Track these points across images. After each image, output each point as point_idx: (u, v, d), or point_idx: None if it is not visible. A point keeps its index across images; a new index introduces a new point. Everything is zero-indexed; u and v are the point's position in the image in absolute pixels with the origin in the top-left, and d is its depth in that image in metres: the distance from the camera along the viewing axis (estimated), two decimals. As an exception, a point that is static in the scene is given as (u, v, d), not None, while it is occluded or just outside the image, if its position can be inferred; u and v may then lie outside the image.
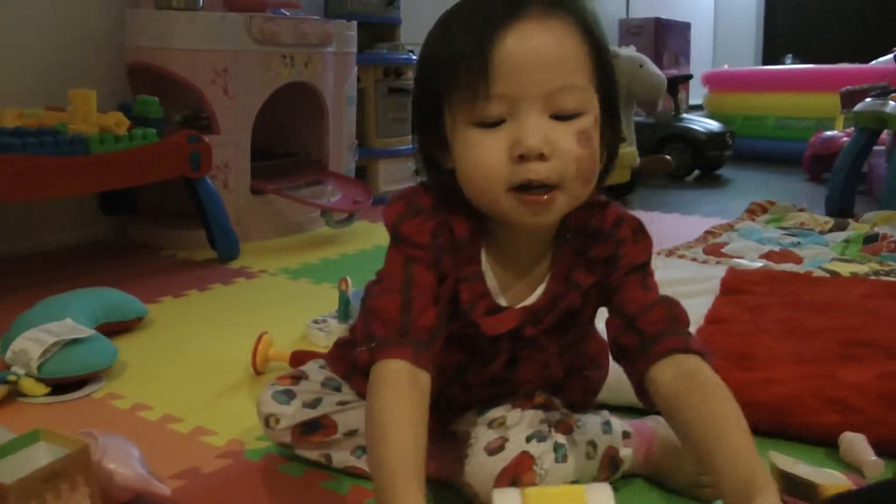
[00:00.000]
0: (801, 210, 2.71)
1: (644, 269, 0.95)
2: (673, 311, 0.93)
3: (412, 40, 3.19)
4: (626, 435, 1.03)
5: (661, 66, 4.79)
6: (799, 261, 2.12)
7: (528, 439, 0.93)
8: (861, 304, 1.66)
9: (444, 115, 0.88)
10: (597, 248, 0.94)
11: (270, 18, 2.45)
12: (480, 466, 0.93)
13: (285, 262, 2.19)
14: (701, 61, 5.61)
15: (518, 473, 0.91)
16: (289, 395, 1.06)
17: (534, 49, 0.82)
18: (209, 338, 1.60)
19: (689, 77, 4.33)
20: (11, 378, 1.26)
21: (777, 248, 2.23)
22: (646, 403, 0.92)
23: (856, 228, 2.45)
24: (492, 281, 0.93)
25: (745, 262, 2.06)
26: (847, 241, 2.34)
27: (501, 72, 0.82)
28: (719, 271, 1.90)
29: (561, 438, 0.95)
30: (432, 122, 0.89)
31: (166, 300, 1.84)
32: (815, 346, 1.41)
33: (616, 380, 1.22)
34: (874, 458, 1.09)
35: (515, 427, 0.95)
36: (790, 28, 6.37)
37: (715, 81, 4.98)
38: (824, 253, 2.21)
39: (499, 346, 0.95)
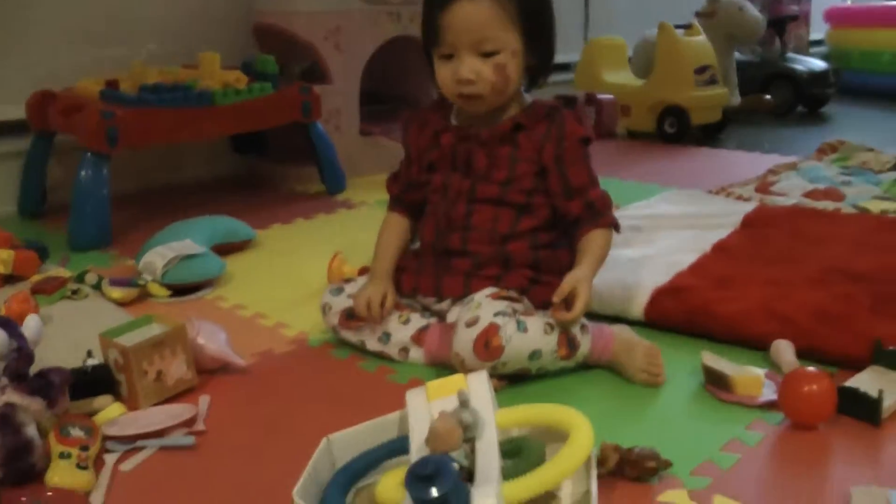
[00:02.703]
0: (870, 150, 2.85)
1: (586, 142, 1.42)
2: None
3: None
4: (583, 327, 1.35)
5: (779, 3, 4.89)
6: (840, 198, 2.30)
7: (496, 314, 1.28)
8: (859, 237, 1.87)
9: (430, 48, 1.41)
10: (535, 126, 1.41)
11: (379, -21, 2.77)
12: (461, 335, 1.28)
13: (383, 196, 2.52)
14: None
15: (488, 337, 1.26)
16: (339, 291, 1.47)
17: (462, 16, 1.33)
18: (303, 257, 1.97)
19: (795, 17, 4.40)
20: (141, 283, 1.68)
21: (823, 187, 2.42)
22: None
23: (913, 169, 2.60)
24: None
25: (779, 200, 2.27)
26: (896, 180, 2.50)
27: (445, 31, 1.35)
28: (748, 208, 2.14)
29: (522, 318, 1.30)
30: (425, 44, 1.42)
31: (276, 226, 2.24)
32: (790, 272, 1.65)
33: (606, 290, 1.55)
34: (792, 359, 1.35)
35: (487, 308, 1.30)
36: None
37: (835, 17, 5.00)
38: (869, 191, 2.37)
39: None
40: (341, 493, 0.98)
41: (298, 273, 1.85)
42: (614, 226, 1.43)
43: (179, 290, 1.70)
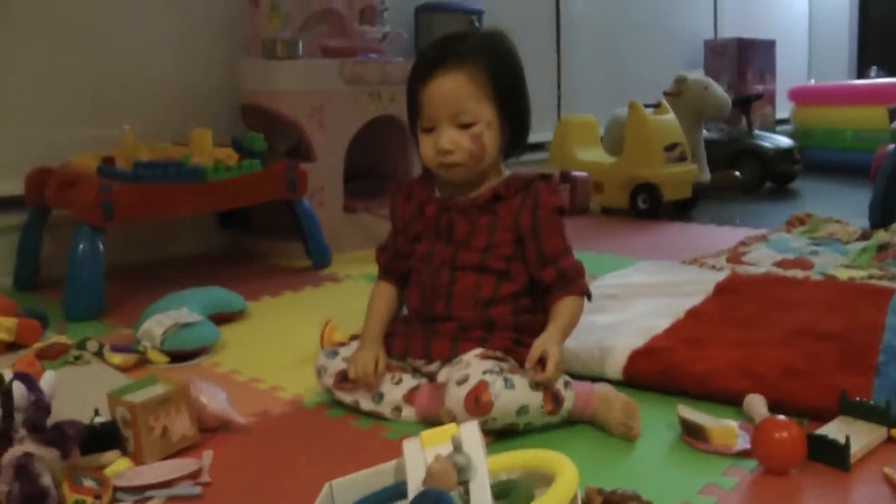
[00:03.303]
0: (837, 221, 2.98)
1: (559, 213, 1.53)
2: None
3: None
4: (567, 384, 1.42)
5: (744, 83, 5.11)
6: (809, 266, 2.41)
7: (484, 373, 1.36)
8: (827, 301, 1.96)
9: (414, 122, 1.53)
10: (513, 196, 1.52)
11: (359, 62, 2.90)
12: (453, 393, 1.36)
13: (368, 269, 2.61)
14: (794, 76, 5.80)
15: (478, 394, 1.34)
16: (334, 354, 1.54)
17: (440, 92, 1.46)
18: (294, 326, 2.04)
19: (759, 97, 4.59)
20: (141, 349, 1.74)
21: (792, 257, 2.53)
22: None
23: (878, 238, 2.71)
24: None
25: (750, 269, 2.38)
26: (864, 249, 2.61)
27: (425, 106, 1.48)
28: (720, 276, 2.24)
29: (509, 376, 1.38)
30: (412, 125, 1.55)
31: (265, 298, 2.31)
32: (761, 334, 1.73)
33: (584, 352, 1.63)
34: (764, 411, 1.43)
35: (475, 367, 1.38)
36: (887, 39, 6.48)
37: (800, 96, 5.21)
38: (836, 260, 2.48)
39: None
40: (345, 536, 1.04)
41: (290, 340, 1.92)
42: (585, 294, 1.54)
43: (177, 357, 1.77)
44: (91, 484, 1.14)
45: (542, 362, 1.39)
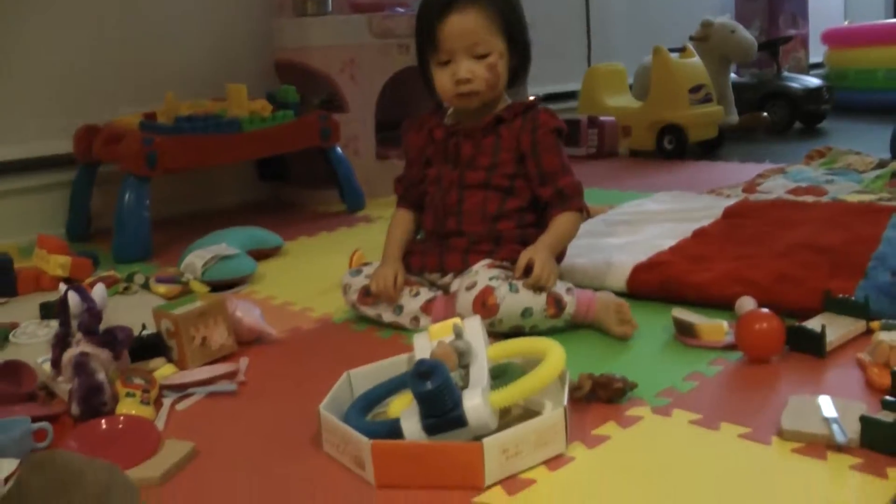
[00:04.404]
0: (857, 153, 3.02)
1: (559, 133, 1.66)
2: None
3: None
4: (569, 289, 1.55)
5: (776, 28, 5.11)
6: (822, 194, 2.48)
7: (490, 279, 1.50)
8: (829, 219, 2.05)
9: (424, 53, 1.65)
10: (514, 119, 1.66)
11: (387, 16, 3.02)
12: (462, 298, 1.51)
13: (399, 212, 2.76)
14: (830, 18, 5.76)
15: (484, 297, 1.48)
16: (358, 272, 1.69)
17: (457, 26, 1.58)
18: (325, 259, 2.18)
19: (788, 39, 4.61)
20: (184, 280, 1.90)
21: (805, 185, 2.60)
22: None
23: (893, 166, 2.76)
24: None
25: (763, 197, 2.46)
26: (879, 176, 2.67)
27: (442, 40, 1.59)
28: (731, 202, 2.33)
29: (514, 282, 1.51)
30: (420, 56, 1.67)
31: (301, 238, 2.46)
32: (760, 249, 1.83)
33: (592, 267, 1.75)
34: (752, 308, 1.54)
35: (483, 274, 1.53)
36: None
37: (832, 39, 5.20)
38: (850, 187, 2.54)
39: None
40: (360, 414, 1.18)
41: (323, 271, 2.06)
42: (582, 210, 1.67)
43: (217, 287, 1.92)
44: (140, 382, 1.29)
45: (529, 270, 1.53)
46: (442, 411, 1.03)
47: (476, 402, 1.04)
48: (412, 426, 1.05)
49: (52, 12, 2.64)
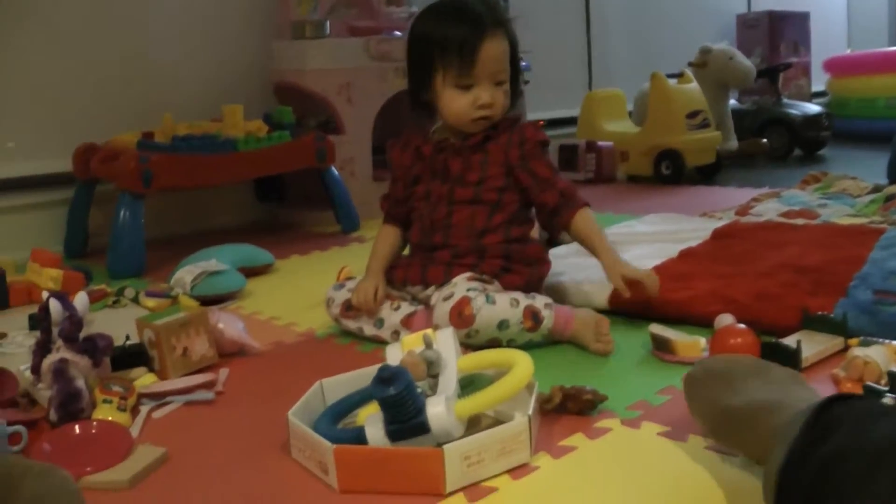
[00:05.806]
0: (852, 178, 3.03)
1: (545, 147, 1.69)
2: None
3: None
4: (547, 304, 1.56)
5: (777, 56, 5.14)
6: (814, 217, 2.50)
7: (468, 290, 1.52)
8: (816, 241, 2.06)
9: (434, 73, 1.63)
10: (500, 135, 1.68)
11: (384, 39, 3.06)
12: (439, 308, 1.52)
13: (394, 232, 2.78)
14: (832, 47, 5.80)
15: (461, 308, 1.50)
16: (341, 287, 1.71)
17: (492, 52, 1.61)
18: (315, 277, 2.19)
19: (787, 66, 4.63)
20: (173, 294, 1.92)
21: (798, 208, 2.62)
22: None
23: (888, 191, 2.77)
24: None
25: (755, 220, 2.48)
26: (872, 200, 2.68)
27: (479, 64, 1.60)
28: (721, 224, 2.35)
29: (491, 293, 1.53)
30: (423, 75, 1.66)
31: (294, 257, 2.49)
32: (743, 269, 1.84)
33: (573, 285, 1.77)
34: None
35: (461, 285, 1.54)
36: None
37: (834, 67, 5.23)
38: (843, 211, 2.55)
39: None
40: (331, 422, 1.20)
41: (311, 288, 2.07)
42: (588, 204, 1.69)
43: (206, 302, 1.92)
44: (118, 389, 1.31)
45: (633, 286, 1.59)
46: (405, 417, 1.04)
47: (439, 409, 1.05)
48: (376, 432, 1.06)
49: (54, 32, 2.69)
